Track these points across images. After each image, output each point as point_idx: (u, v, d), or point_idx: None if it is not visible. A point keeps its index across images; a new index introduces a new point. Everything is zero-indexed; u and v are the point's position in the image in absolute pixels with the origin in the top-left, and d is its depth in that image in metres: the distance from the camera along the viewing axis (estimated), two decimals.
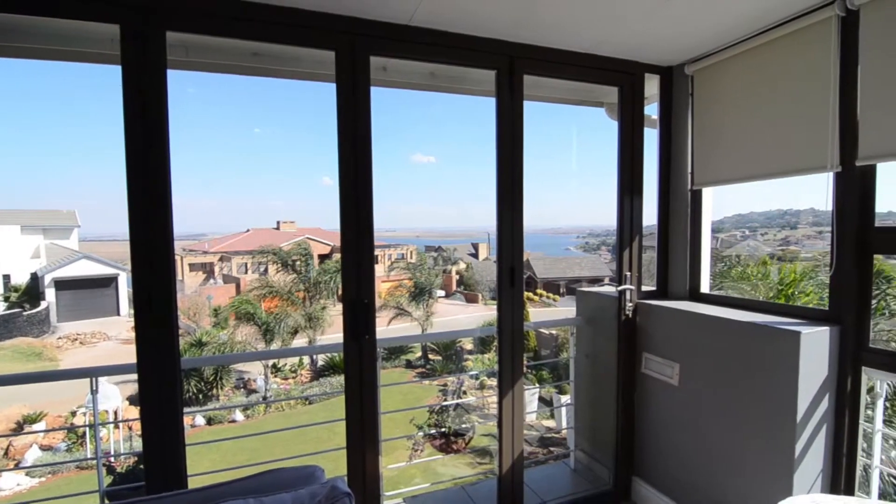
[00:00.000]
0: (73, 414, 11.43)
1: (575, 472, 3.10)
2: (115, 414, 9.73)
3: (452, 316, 23.20)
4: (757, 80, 2.22)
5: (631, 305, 2.63)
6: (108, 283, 25.05)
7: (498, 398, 2.38)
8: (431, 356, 16.91)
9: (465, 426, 9.85)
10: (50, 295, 22.98)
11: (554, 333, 14.82)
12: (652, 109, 2.73)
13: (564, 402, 8.80)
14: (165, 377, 1.77)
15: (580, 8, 1.91)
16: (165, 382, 1.77)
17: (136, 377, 1.74)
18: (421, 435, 9.49)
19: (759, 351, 2.01)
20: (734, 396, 2.12)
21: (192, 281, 27.65)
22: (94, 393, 2.18)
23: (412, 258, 30.86)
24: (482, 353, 14.98)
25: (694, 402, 2.33)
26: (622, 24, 2.06)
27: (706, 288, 2.63)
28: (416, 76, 2.55)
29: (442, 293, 26.00)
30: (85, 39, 1.95)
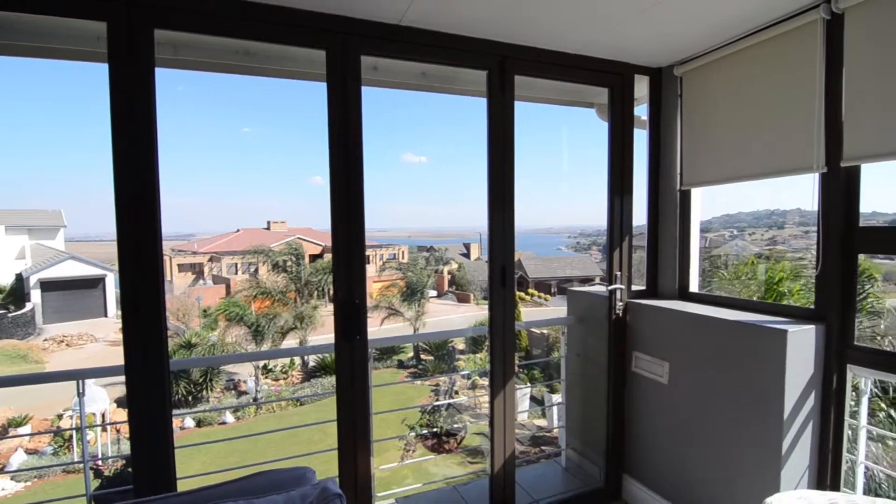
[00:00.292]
0: (59, 417, 11.26)
1: (566, 470, 3.12)
2: (102, 416, 9.61)
3: (444, 316, 23.20)
4: (744, 81, 2.25)
5: (621, 305, 2.65)
6: (95, 283, 24.69)
7: (490, 398, 2.39)
8: (423, 356, 16.90)
9: (456, 426, 9.85)
10: (35, 296, 22.59)
11: (545, 333, 14.89)
12: (642, 110, 2.75)
13: (556, 401, 8.84)
14: (154, 379, 1.75)
15: (569, 9, 1.92)
16: (154, 384, 1.75)
17: (123, 379, 1.72)
18: (413, 435, 9.48)
19: (746, 349, 2.04)
20: (723, 394, 2.15)
21: (181, 282, 27.36)
22: (80, 395, 2.15)
23: (404, 258, 30.82)
24: (474, 352, 15.00)
25: (683, 400, 2.36)
26: (611, 25, 2.08)
27: (695, 287, 2.66)
28: (407, 76, 2.55)
29: (434, 293, 26.00)
30: (71, 37, 1.93)
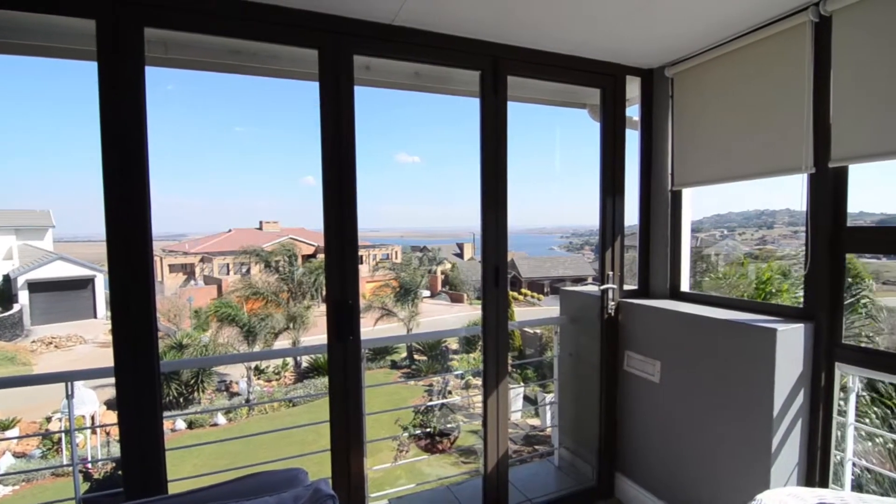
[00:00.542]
0: (48, 420, 11.12)
1: (559, 469, 3.13)
2: (92, 419, 9.49)
3: (438, 316, 23.18)
4: (734, 83, 2.27)
5: (613, 304, 2.66)
6: (84, 284, 24.40)
7: (483, 397, 2.39)
8: (417, 356, 16.88)
9: (450, 426, 9.85)
10: (23, 297, 22.27)
11: (538, 332, 14.92)
12: (633, 111, 2.77)
13: (549, 400, 8.87)
14: (144, 381, 1.73)
15: (562, 10, 1.93)
16: (144, 386, 1.74)
17: (113, 381, 1.70)
18: (406, 435, 9.46)
19: (737, 348, 2.06)
20: (713, 392, 2.17)
21: (171, 282, 27.12)
22: (69, 398, 2.13)
23: (397, 258, 30.78)
24: (467, 352, 15.01)
25: (675, 398, 2.38)
26: (602, 26, 2.09)
27: (686, 287, 2.68)
28: (400, 76, 2.54)
29: (427, 293, 25.99)
30: (59, 35, 1.90)
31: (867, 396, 4.21)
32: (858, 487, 3.49)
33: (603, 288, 2.64)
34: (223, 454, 8.85)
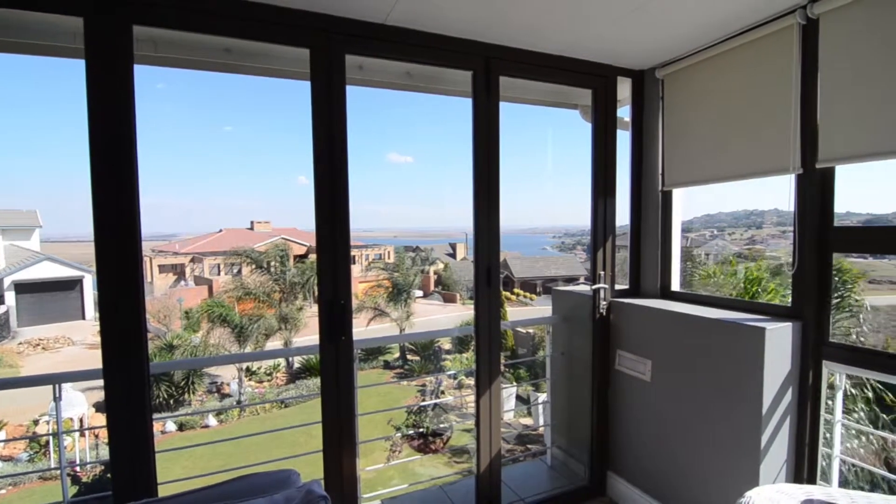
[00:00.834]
0: (35, 422, 10.94)
1: (552, 468, 3.14)
2: (80, 421, 9.36)
3: (430, 316, 23.17)
4: (724, 84, 2.30)
5: (605, 304, 2.68)
6: (72, 285, 24.07)
7: (476, 397, 2.39)
8: (410, 356, 16.86)
9: (443, 426, 9.85)
10: (10, 298, 21.92)
11: (531, 332, 14.96)
12: (625, 112, 2.79)
13: (541, 399, 8.90)
14: (133, 382, 1.72)
15: (554, 11, 1.93)
16: (133, 388, 1.72)
17: (102, 383, 1.68)
18: (399, 436, 9.46)
19: (726, 346, 2.08)
20: (703, 391, 2.19)
21: (161, 283, 26.86)
22: (57, 400, 2.10)
23: (390, 258, 30.71)
24: (460, 352, 15.03)
25: (665, 397, 2.39)
26: (593, 27, 2.10)
27: (677, 286, 2.70)
28: (392, 75, 2.54)
29: (420, 293, 25.96)
30: (46, 32, 1.87)
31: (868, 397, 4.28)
32: (845, 484, 3.55)
33: (595, 287, 2.65)
34: (214, 456, 8.78)
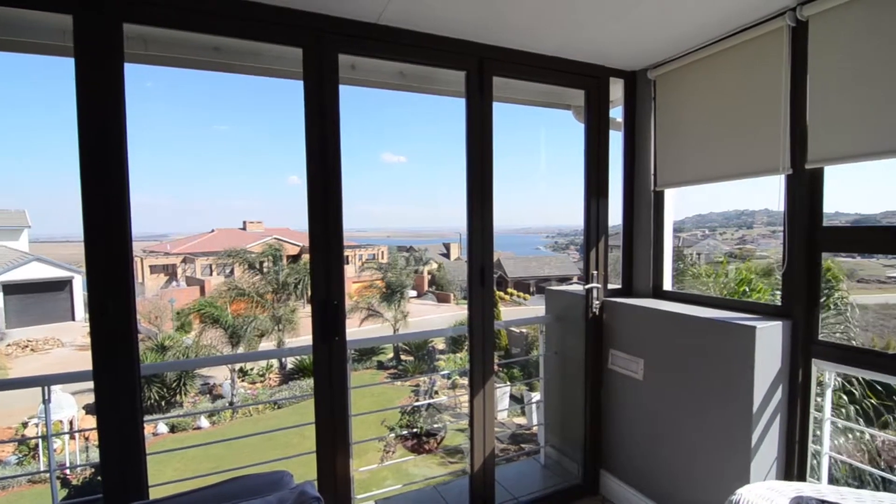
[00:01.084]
0: (24, 425, 10.81)
1: (545, 467, 3.15)
2: (70, 424, 9.26)
3: (424, 316, 23.16)
4: (715, 85, 2.32)
5: (598, 303, 2.69)
6: (61, 286, 23.77)
7: (469, 397, 2.40)
8: (404, 357, 16.83)
9: (437, 426, 9.85)
10: None
11: (524, 332, 15.01)
12: (617, 112, 2.80)
13: (535, 399, 8.93)
14: (124, 384, 1.70)
15: (546, 12, 1.94)
16: (123, 390, 1.70)
17: (92, 385, 1.67)
18: (393, 436, 9.45)
19: (717, 345, 2.10)
20: (695, 389, 2.20)
21: (152, 283, 26.60)
22: (46, 402, 2.07)
23: (384, 258, 30.66)
24: (454, 352, 15.03)
25: (657, 395, 2.41)
26: (586, 28, 2.11)
27: (669, 286, 2.72)
28: (385, 75, 2.53)
29: (414, 293, 25.94)
30: (34, 30, 1.85)
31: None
32: (834, 481, 3.59)
33: (587, 287, 2.67)
34: (206, 458, 8.71)
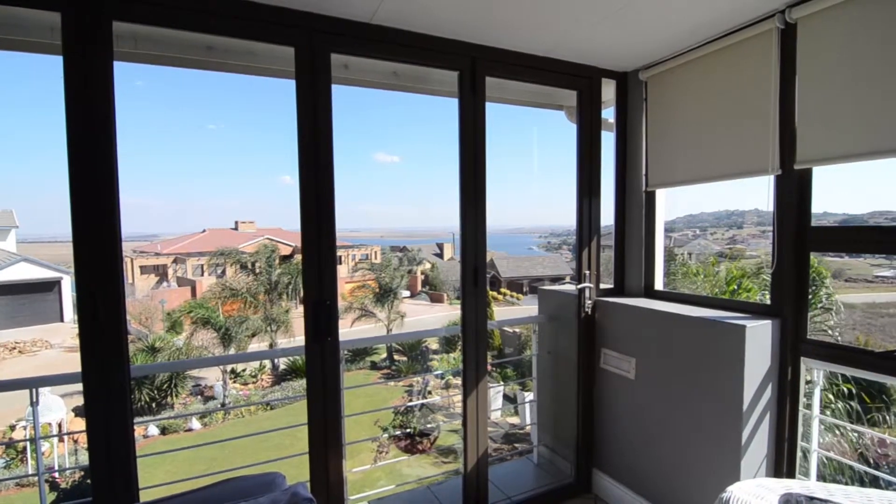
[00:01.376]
0: (11, 428, 10.66)
1: (538, 466, 3.16)
2: (59, 426, 9.15)
3: (418, 316, 23.14)
4: (705, 87, 2.34)
5: (590, 303, 2.70)
6: (49, 287, 23.48)
7: (462, 397, 2.40)
8: (397, 357, 16.81)
9: (430, 426, 9.85)
10: None
11: (517, 331, 15.04)
12: (609, 113, 2.82)
13: (528, 398, 8.95)
14: (113, 386, 1.68)
15: (539, 13, 1.95)
16: (113, 392, 1.68)
17: (81, 387, 1.65)
18: (386, 437, 9.42)
19: (708, 344, 2.12)
20: (686, 388, 2.22)
21: (143, 284, 26.35)
22: (34, 405, 2.05)
23: (377, 258, 30.60)
24: (448, 352, 15.03)
25: (649, 394, 2.43)
26: (578, 29, 2.12)
27: (660, 285, 2.74)
28: (378, 75, 2.53)
29: (407, 293, 25.92)
30: (22, 27, 1.83)
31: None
32: (823, 478, 3.64)
33: (580, 287, 2.68)
34: (198, 460, 8.65)
